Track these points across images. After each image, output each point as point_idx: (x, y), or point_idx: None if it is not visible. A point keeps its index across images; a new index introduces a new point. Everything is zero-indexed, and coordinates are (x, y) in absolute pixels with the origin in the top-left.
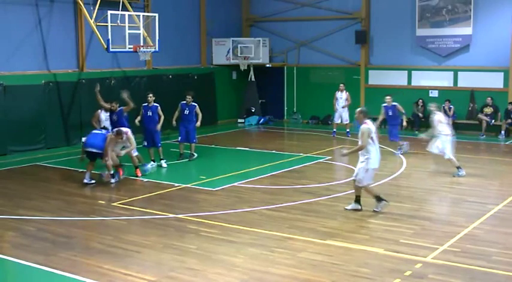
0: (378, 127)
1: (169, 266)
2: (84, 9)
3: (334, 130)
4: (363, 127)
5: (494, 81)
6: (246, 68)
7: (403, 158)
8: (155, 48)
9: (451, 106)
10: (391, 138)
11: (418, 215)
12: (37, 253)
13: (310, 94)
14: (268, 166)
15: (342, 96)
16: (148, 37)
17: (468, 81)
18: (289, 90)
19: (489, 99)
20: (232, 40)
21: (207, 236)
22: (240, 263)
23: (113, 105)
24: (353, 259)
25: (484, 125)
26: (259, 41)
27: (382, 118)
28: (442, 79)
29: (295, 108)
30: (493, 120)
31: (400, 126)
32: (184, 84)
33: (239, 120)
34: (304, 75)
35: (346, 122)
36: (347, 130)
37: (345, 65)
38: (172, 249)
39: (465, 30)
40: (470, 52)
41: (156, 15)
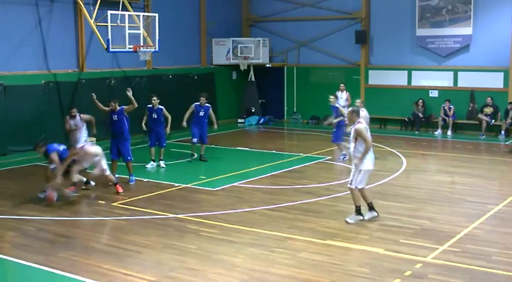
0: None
1: (169, 266)
2: (84, 9)
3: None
4: (360, 126)
5: (494, 81)
6: (246, 68)
7: (403, 158)
8: (155, 48)
9: (451, 106)
10: (334, 140)
11: (418, 215)
12: (37, 253)
13: (310, 94)
14: (268, 166)
15: (342, 96)
16: (148, 37)
17: (468, 81)
18: (289, 90)
19: (489, 99)
20: (232, 40)
21: (207, 236)
22: (240, 263)
23: (112, 104)
24: (353, 259)
25: (484, 125)
26: (259, 41)
27: (333, 117)
28: (442, 79)
29: (295, 108)
30: (493, 120)
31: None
32: (184, 84)
33: (239, 120)
34: (304, 75)
35: (346, 122)
36: (347, 130)
37: (345, 65)
38: (172, 249)
39: (465, 30)
40: (470, 52)
41: (156, 15)
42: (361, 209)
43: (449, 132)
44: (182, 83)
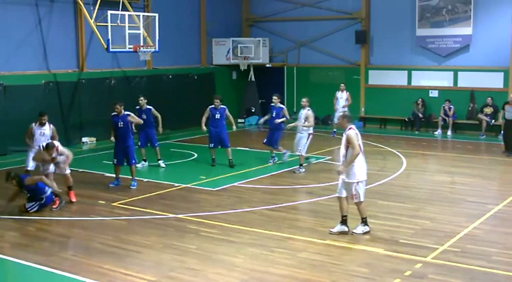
0: (263, 124)
1: (169, 266)
2: (84, 9)
3: (334, 130)
4: (350, 133)
5: (494, 81)
6: (246, 68)
7: (403, 158)
8: (155, 48)
9: (451, 106)
10: (268, 143)
11: (418, 215)
12: (37, 253)
13: (310, 94)
14: (268, 166)
15: (343, 96)
16: (148, 37)
17: (468, 81)
18: (289, 90)
19: (489, 99)
20: (232, 40)
21: (207, 236)
22: (240, 263)
23: (117, 107)
24: (353, 259)
25: (484, 125)
26: (259, 41)
27: (268, 117)
28: (442, 79)
29: (295, 108)
30: (493, 120)
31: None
32: (184, 84)
33: (239, 120)
34: (304, 75)
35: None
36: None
37: (345, 65)
38: (172, 249)
39: (465, 30)
40: (470, 52)
41: (156, 15)
42: (366, 219)
43: (449, 132)
44: (182, 83)
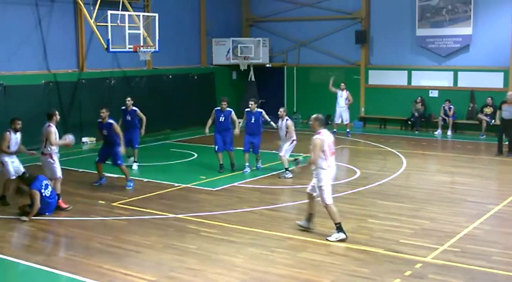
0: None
1: (169, 266)
2: (84, 9)
3: (335, 130)
4: (316, 138)
5: (494, 81)
6: (246, 68)
7: (403, 158)
8: (155, 48)
9: (451, 106)
10: (248, 150)
11: (418, 215)
12: (37, 253)
13: (310, 94)
14: (268, 166)
15: (343, 95)
16: (148, 37)
17: (468, 81)
18: (289, 90)
19: (489, 99)
20: (232, 40)
21: (207, 236)
22: (240, 263)
23: (102, 112)
24: (353, 259)
25: (484, 125)
26: (259, 41)
27: (243, 124)
28: (442, 79)
29: (295, 108)
30: (493, 120)
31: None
32: (185, 84)
33: (239, 120)
34: (304, 75)
35: (347, 122)
36: (347, 130)
37: (345, 65)
38: (172, 249)
39: (465, 30)
40: (470, 52)
41: (156, 15)
42: (340, 226)
43: (449, 132)
44: (182, 83)
